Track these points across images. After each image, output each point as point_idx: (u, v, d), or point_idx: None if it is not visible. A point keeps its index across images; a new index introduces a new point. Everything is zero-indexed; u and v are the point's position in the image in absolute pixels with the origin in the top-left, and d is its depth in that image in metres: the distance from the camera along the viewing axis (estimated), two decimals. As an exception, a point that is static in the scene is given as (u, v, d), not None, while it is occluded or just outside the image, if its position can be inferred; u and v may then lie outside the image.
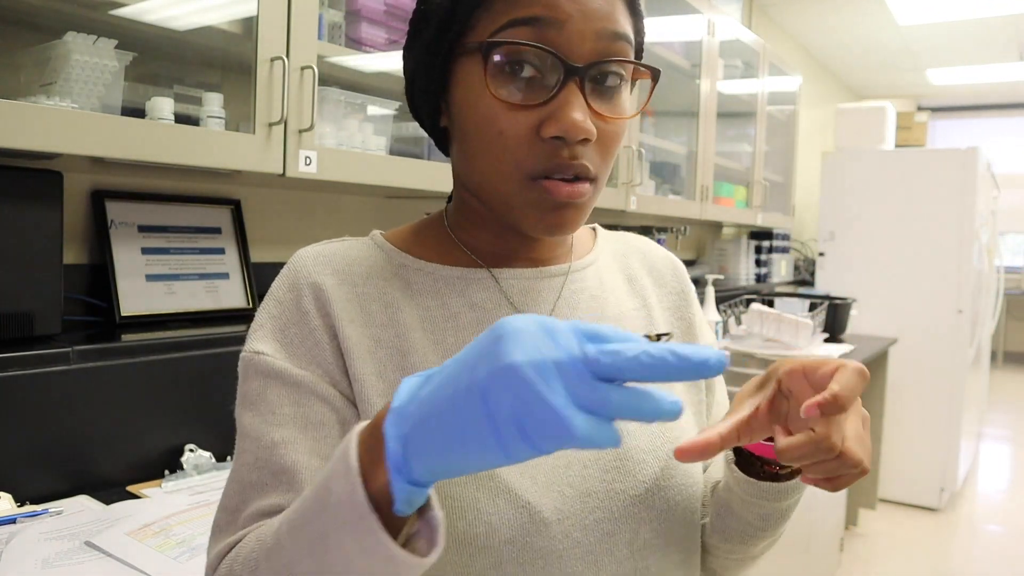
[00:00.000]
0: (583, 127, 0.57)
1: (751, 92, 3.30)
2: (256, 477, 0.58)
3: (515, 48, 0.58)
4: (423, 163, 1.58)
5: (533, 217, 0.61)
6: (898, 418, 3.90)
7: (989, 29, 4.49)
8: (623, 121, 0.62)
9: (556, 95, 0.58)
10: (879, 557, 3.28)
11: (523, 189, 0.60)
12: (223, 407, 1.37)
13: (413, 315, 0.65)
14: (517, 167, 0.60)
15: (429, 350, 0.63)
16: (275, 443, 0.58)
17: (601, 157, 0.62)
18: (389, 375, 0.62)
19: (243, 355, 0.63)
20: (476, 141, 0.62)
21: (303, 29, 1.31)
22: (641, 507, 0.64)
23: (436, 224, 0.72)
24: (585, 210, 0.63)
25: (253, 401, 0.61)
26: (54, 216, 1.19)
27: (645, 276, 0.77)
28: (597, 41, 0.58)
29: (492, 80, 0.59)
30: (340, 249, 0.67)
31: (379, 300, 0.65)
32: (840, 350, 2.94)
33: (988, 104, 7.33)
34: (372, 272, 0.66)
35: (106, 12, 1.18)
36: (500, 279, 0.68)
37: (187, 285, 1.48)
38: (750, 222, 3.37)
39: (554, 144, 0.58)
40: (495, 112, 0.59)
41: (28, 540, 0.97)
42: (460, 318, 0.65)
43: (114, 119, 1.09)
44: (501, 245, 0.69)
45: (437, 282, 0.67)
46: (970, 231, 3.76)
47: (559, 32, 0.57)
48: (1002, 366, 8.16)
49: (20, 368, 1.10)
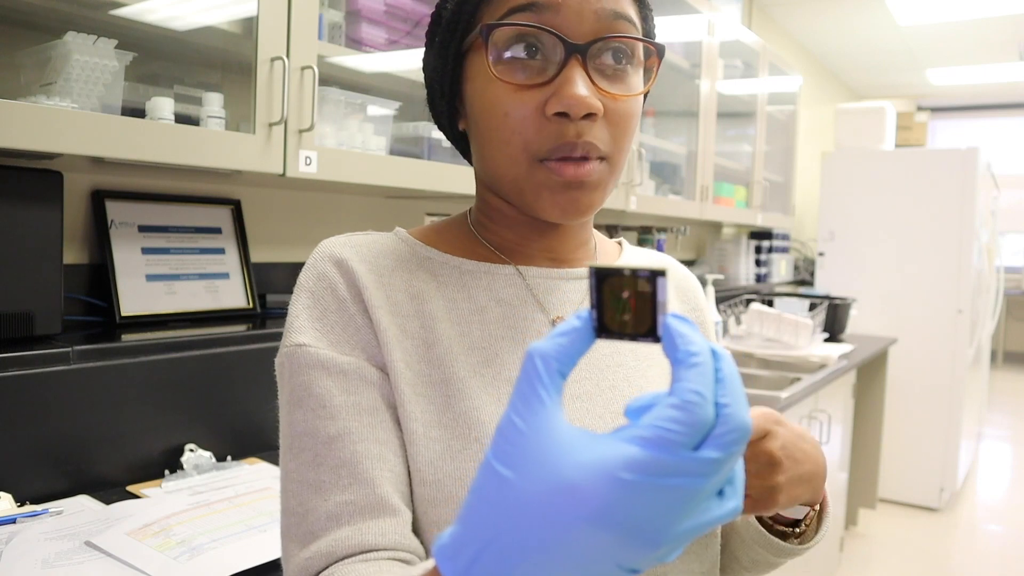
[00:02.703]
0: (586, 102, 0.57)
1: (751, 92, 3.30)
2: (317, 476, 0.56)
3: (516, 31, 0.59)
4: (423, 163, 1.58)
5: (545, 199, 0.61)
6: (898, 418, 3.90)
7: (989, 29, 4.49)
8: (632, 99, 0.61)
9: (559, 73, 0.58)
10: (879, 557, 3.28)
11: (531, 171, 0.60)
12: (223, 407, 1.37)
13: (439, 306, 0.64)
14: (525, 148, 0.60)
15: (454, 342, 0.63)
16: (332, 437, 0.57)
17: (612, 136, 0.61)
18: (415, 365, 0.62)
19: (283, 351, 0.62)
20: (485, 128, 0.62)
21: (303, 29, 1.31)
22: None
23: (459, 223, 0.72)
24: (599, 191, 0.62)
25: (301, 397, 0.59)
26: (54, 216, 1.19)
27: (670, 291, 0.77)
28: (597, 21, 0.59)
29: (495, 63, 0.59)
30: (365, 240, 0.67)
31: (405, 291, 0.64)
32: (840, 350, 2.94)
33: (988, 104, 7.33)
34: (398, 263, 0.66)
35: (106, 12, 1.18)
36: (526, 276, 0.68)
37: (187, 285, 1.48)
38: (750, 222, 3.37)
39: (559, 122, 0.58)
40: (500, 95, 0.60)
41: (28, 540, 0.97)
42: (487, 312, 0.65)
43: (114, 119, 1.09)
44: (522, 242, 0.69)
45: (463, 275, 0.67)
46: (970, 231, 3.76)
47: (557, 14, 0.58)
48: (1002, 366, 8.16)
49: (20, 368, 1.10)
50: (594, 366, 0.66)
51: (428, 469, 0.58)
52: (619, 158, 0.63)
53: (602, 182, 0.62)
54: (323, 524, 0.55)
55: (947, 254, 3.80)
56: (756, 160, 3.36)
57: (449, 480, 0.58)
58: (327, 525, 0.55)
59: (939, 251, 3.82)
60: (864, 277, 4.00)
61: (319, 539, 0.54)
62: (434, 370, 0.61)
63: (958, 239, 3.78)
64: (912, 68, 5.58)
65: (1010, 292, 7.47)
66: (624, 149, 0.63)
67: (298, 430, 0.59)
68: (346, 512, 0.55)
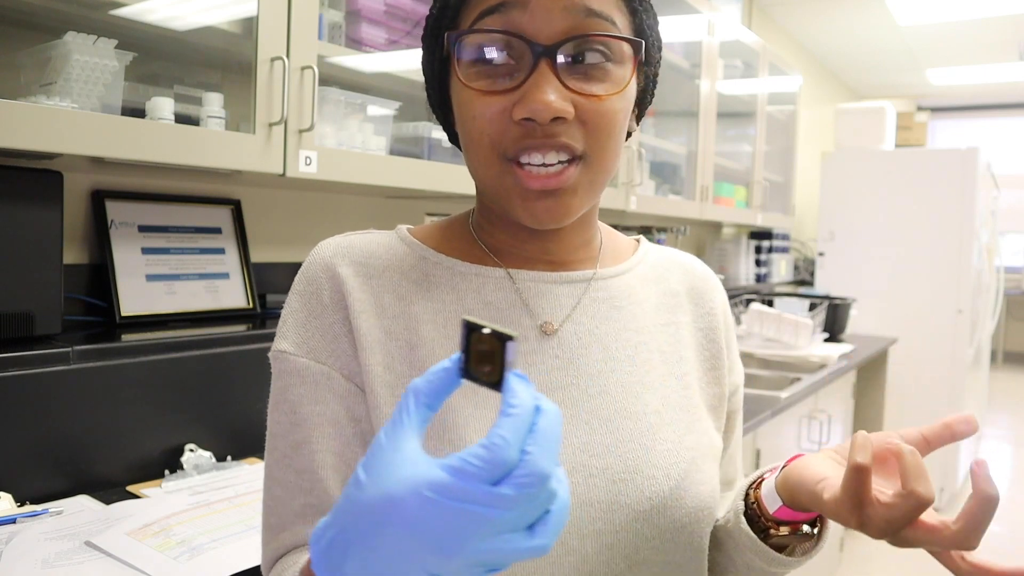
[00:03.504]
0: (552, 106, 0.56)
1: (751, 92, 3.30)
2: (284, 475, 0.63)
3: (482, 36, 0.58)
4: (423, 163, 1.58)
5: (518, 206, 0.61)
6: (898, 418, 3.90)
7: (989, 29, 4.49)
8: (608, 99, 0.59)
9: (527, 77, 0.57)
10: (879, 557, 3.28)
11: (501, 174, 0.60)
12: (223, 407, 1.37)
13: (426, 308, 0.65)
14: (493, 147, 0.59)
15: (438, 344, 0.64)
16: (297, 444, 0.63)
17: (590, 135, 0.59)
18: (396, 367, 0.63)
19: (270, 354, 0.66)
20: (462, 131, 0.63)
21: (303, 29, 1.31)
22: (644, 524, 0.63)
23: (461, 222, 0.72)
24: (575, 195, 0.61)
25: (278, 401, 0.65)
26: (54, 216, 1.19)
27: (683, 294, 0.75)
28: (566, 19, 0.57)
29: (464, 71, 0.59)
30: (360, 241, 0.68)
31: (392, 292, 0.65)
32: (840, 350, 2.94)
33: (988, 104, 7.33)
34: (390, 264, 0.67)
35: (106, 12, 1.18)
36: (516, 279, 0.67)
37: (187, 285, 1.48)
38: (750, 222, 3.37)
39: (527, 125, 0.58)
40: (471, 99, 0.59)
41: (28, 540, 0.97)
42: (474, 315, 0.65)
43: (114, 119, 1.09)
44: (518, 245, 0.68)
45: (454, 277, 0.67)
46: (970, 231, 3.76)
47: (524, 13, 0.57)
48: (1002, 366, 8.16)
49: (20, 368, 1.10)
50: (582, 372, 0.65)
51: None
52: (599, 157, 0.61)
53: (578, 185, 0.60)
54: (290, 520, 0.62)
55: (947, 254, 3.80)
56: (756, 160, 3.36)
57: None
58: (293, 521, 0.62)
59: (939, 251, 3.82)
60: (864, 277, 4.00)
61: (285, 531, 0.63)
62: (415, 372, 0.63)
63: (958, 239, 3.78)
64: (912, 68, 5.58)
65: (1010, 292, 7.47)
66: (606, 147, 0.61)
67: (274, 431, 0.65)
68: (308, 513, 0.62)
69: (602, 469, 0.62)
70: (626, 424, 0.65)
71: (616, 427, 0.64)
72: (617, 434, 0.64)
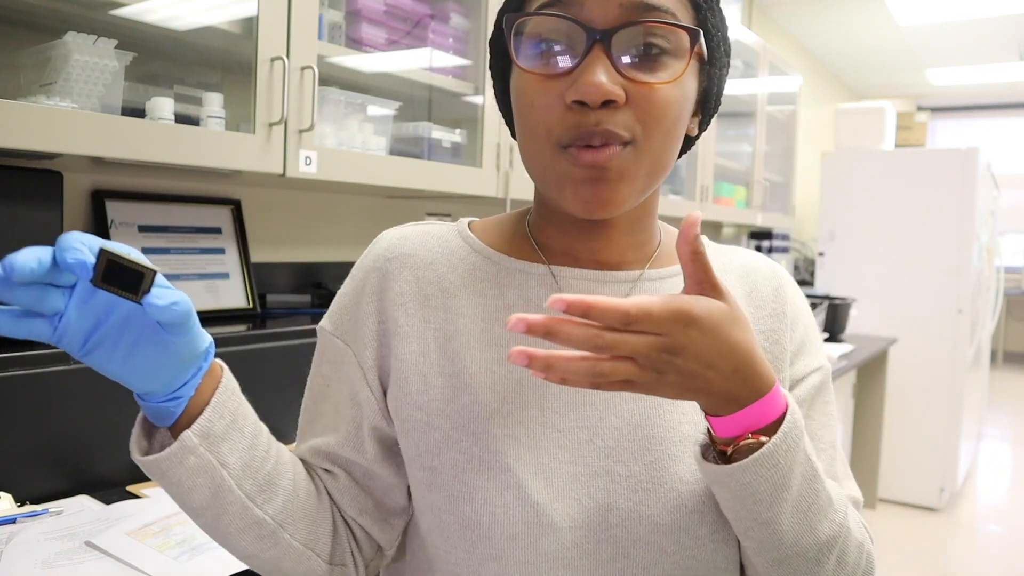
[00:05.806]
0: (603, 88, 0.56)
1: (751, 92, 3.30)
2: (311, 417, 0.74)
3: (540, 21, 0.59)
4: (423, 163, 1.58)
5: (568, 192, 0.60)
6: (898, 418, 3.90)
7: (989, 29, 4.49)
8: (661, 87, 0.58)
9: (581, 61, 0.58)
10: (879, 557, 3.28)
11: (555, 160, 0.60)
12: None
13: (468, 302, 0.67)
14: (548, 136, 0.60)
15: (475, 336, 0.65)
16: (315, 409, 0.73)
17: (641, 123, 0.59)
18: (431, 355, 0.66)
19: (317, 326, 0.75)
20: (517, 119, 0.63)
21: (303, 29, 1.31)
22: (666, 538, 0.61)
23: (519, 218, 0.73)
24: (624, 181, 0.60)
25: (314, 363, 0.74)
26: (54, 216, 1.19)
27: (741, 296, 0.71)
28: (623, 11, 0.58)
29: (520, 55, 0.61)
30: (415, 232, 0.72)
31: (437, 284, 0.68)
32: (840, 350, 2.94)
33: (988, 104, 7.33)
34: (440, 257, 0.69)
35: (106, 12, 1.18)
36: (559, 277, 0.67)
37: (187, 285, 1.48)
38: (750, 222, 3.37)
39: (580, 111, 0.58)
40: (527, 85, 0.60)
41: (28, 540, 0.97)
42: (514, 311, 0.66)
43: (114, 119, 1.09)
44: (567, 242, 0.68)
45: (500, 272, 0.68)
46: (970, 231, 3.76)
47: (583, 7, 0.58)
48: (1002, 366, 8.16)
49: (20, 368, 1.10)
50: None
51: (427, 455, 0.65)
52: (649, 146, 0.60)
53: (626, 171, 0.59)
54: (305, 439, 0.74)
55: (947, 254, 3.80)
56: (756, 160, 3.36)
57: (444, 468, 0.63)
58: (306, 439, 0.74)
59: (939, 251, 3.82)
60: (864, 277, 4.00)
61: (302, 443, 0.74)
62: (448, 361, 0.65)
63: (958, 239, 3.78)
64: (912, 68, 5.58)
65: (1010, 292, 7.47)
66: (656, 136, 0.60)
67: (309, 384, 0.75)
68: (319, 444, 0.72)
69: (625, 476, 0.62)
70: (657, 432, 0.63)
71: (646, 434, 0.63)
72: (646, 442, 0.63)
